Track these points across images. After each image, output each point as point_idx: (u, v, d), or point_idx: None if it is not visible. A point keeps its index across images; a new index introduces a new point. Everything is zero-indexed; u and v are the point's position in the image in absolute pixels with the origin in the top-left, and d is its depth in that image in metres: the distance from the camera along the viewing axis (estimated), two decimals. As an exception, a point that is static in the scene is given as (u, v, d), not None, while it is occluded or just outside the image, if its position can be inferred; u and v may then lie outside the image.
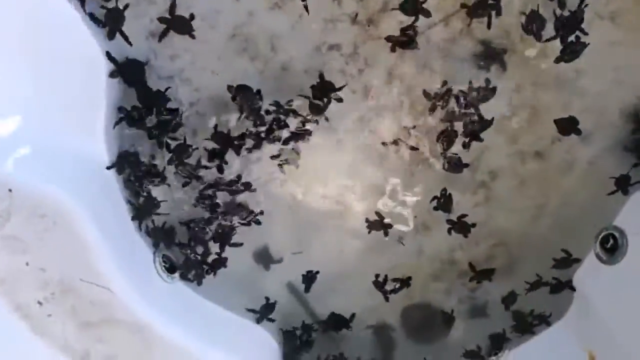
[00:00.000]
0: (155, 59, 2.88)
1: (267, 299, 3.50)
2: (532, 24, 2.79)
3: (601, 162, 3.14)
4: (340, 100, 2.95)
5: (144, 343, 2.91)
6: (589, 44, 2.80)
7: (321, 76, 2.92)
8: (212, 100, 3.01)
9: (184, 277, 3.28)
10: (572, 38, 2.80)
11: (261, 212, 3.33)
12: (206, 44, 2.89)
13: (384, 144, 3.18)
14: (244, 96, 2.89)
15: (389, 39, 2.86)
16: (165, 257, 3.21)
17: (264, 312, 3.48)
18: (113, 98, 2.82)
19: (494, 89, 2.95)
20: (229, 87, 2.88)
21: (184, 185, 3.18)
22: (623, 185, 3.08)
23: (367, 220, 3.36)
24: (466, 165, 3.09)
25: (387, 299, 3.50)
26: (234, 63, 2.93)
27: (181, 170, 3.10)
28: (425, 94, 2.99)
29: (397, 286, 3.46)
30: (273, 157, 3.16)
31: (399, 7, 2.79)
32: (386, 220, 3.35)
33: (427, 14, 2.79)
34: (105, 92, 2.75)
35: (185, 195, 3.26)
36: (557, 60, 2.86)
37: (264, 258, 3.53)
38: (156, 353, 2.93)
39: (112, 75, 2.75)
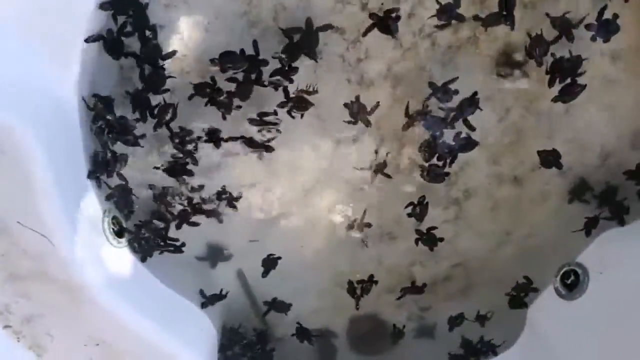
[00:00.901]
0: (148, 3, 2.65)
1: (217, 291, 3.30)
2: (535, 48, 2.77)
3: (592, 187, 3.15)
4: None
5: (74, 306, 2.63)
6: (585, 85, 2.80)
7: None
8: (199, 60, 2.81)
9: (132, 245, 3.02)
10: (568, 80, 2.80)
11: (239, 197, 3.16)
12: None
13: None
14: (229, 62, 2.71)
15: (371, 16, 2.72)
16: (116, 219, 2.94)
17: (211, 299, 3.27)
18: (96, 33, 2.57)
19: (474, 98, 2.84)
20: (212, 61, 2.70)
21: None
22: (590, 226, 3.10)
23: (348, 219, 3.23)
24: (447, 174, 3.02)
25: (358, 303, 3.37)
26: (232, 24, 2.75)
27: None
28: (406, 111, 2.91)
29: (364, 286, 3.33)
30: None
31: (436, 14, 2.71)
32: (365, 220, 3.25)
33: (461, 18, 2.72)
34: (88, 24, 2.50)
35: (157, 159, 3.03)
36: (555, 99, 2.85)
37: (220, 243, 3.34)
38: (86, 318, 2.66)
39: (102, 6, 2.50)
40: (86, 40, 2.56)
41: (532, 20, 2.77)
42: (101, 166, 2.81)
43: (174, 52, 2.75)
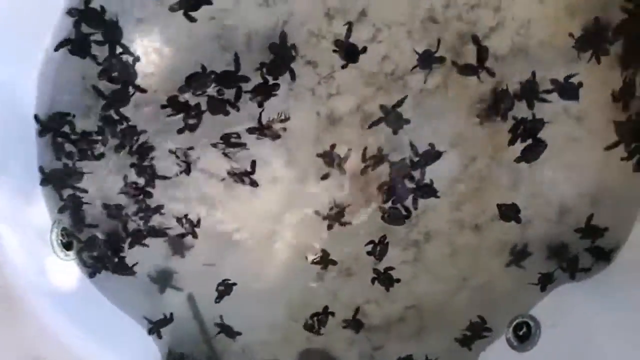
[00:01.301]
0: (121, 15, 2.62)
1: (165, 315, 3.21)
2: (501, 103, 2.81)
3: (532, 252, 3.17)
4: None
5: (11, 317, 2.53)
6: (547, 145, 2.86)
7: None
8: (168, 79, 2.77)
9: (81, 259, 2.93)
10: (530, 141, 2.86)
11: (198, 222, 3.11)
12: (180, 17, 2.67)
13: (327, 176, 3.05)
14: (197, 84, 2.69)
15: (336, 42, 2.73)
16: (65, 230, 2.86)
17: (158, 324, 3.18)
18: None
19: (439, 154, 2.92)
20: (181, 89, 2.71)
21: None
22: (545, 282, 3.12)
23: (308, 251, 3.19)
24: (407, 216, 3.02)
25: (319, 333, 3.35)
26: (203, 46, 2.73)
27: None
28: (363, 156, 2.96)
29: (320, 318, 3.29)
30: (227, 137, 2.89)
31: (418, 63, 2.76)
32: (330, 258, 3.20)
33: (442, 60, 2.75)
34: (54, 29, 2.46)
35: (117, 177, 2.96)
36: (518, 160, 2.90)
37: (173, 265, 3.23)
38: (23, 331, 2.56)
39: (70, 12, 2.46)
40: (55, 49, 2.54)
41: (501, 73, 2.82)
42: (56, 176, 2.75)
43: (144, 90, 2.74)
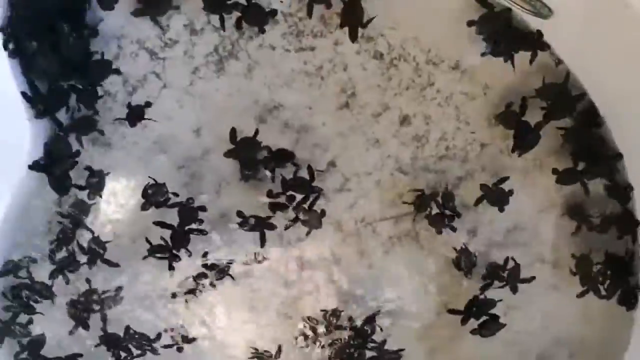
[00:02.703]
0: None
1: None
2: (461, 259, 2.80)
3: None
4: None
5: None
6: (505, 324, 2.82)
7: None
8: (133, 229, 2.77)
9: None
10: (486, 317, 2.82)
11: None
12: (150, 165, 2.72)
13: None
14: (155, 195, 2.69)
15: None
16: None
17: None
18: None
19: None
20: (143, 206, 2.72)
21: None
22: None
23: None
24: None
25: None
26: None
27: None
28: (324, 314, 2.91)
29: None
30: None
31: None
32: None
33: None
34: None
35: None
36: (473, 332, 2.83)
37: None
38: None
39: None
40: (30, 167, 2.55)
41: (472, 224, 2.83)
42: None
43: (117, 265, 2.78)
